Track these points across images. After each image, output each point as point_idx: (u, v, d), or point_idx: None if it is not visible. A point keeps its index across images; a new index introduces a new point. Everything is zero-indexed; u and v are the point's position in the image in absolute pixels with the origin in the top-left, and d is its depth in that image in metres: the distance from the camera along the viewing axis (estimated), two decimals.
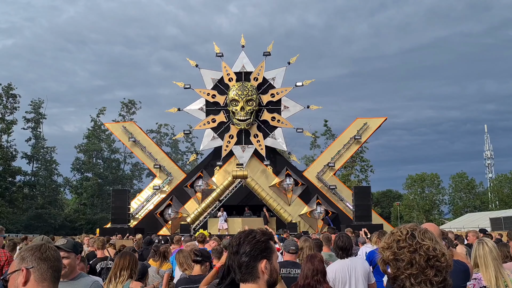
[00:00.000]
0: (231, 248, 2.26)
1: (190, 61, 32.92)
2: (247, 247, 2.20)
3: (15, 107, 52.95)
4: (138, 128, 33.74)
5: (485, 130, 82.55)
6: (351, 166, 61.53)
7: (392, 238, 1.99)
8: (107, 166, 62.38)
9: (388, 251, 1.95)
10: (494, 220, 37.48)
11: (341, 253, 5.82)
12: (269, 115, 31.58)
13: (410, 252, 1.91)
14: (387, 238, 2.01)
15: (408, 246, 1.92)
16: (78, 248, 4.19)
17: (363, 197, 28.77)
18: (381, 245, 2.03)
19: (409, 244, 1.92)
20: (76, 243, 4.19)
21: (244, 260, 2.18)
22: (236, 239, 2.25)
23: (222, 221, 27.37)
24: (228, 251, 2.31)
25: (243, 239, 2.23)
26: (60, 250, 3.85)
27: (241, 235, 2.28)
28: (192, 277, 5.22)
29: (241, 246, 2.21)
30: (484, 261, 4.37)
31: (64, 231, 46.76)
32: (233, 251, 2.23)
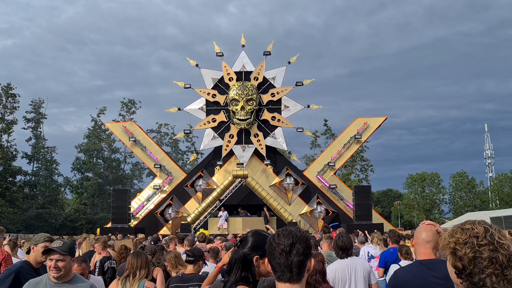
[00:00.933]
0: (279, 246, 2.17)
1: (190, 60, 32.94)
2: (300, 246, 2.16)
3: (15, 107, 52.99)
4: (138, 127, 33.76)
5: (486, 129, 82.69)
6: (351, 166, 61.53)
7: (467, 233, 1.92)
8: (108, 166, 62.39)
9: (467, 248, 1.88)
10: (495, 220, 37.44)
11: (341, 253, 5.81)
12: (269, 115, 31.58)
13: (491, 250, 1.86)
14: (461, 233, 1.94)
15: (488, 244, 1.87)
16: (74, 250, 4.21)
17: (364, 196, 28.80)
18: (452, 240, 1.95)
19: (489, 242, 1.87)
20: (72, 245, 4.19)
21: (299, 260, 2.13)
22: (288, 238, 2.17)
23: (223, 220, 27.38)
24: (275, 251, 2.20)
25: (297, 238, 2.17)
26: (55, 253, 3.86)
27: (288, 232, 2.20)
28: (185, 276, 5.24)
29: (295, 246, 2.15)
30: None
31: (64, 231, 46.77)
32: (284, 250, 2.14)
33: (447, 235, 1.99)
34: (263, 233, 2.85)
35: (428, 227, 3.52)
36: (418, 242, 3.46)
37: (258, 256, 2.67)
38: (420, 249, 3.42)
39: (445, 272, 3.31)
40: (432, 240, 3.43)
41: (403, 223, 62.53)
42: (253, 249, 2.73)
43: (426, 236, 3.45)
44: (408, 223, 62.74)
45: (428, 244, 3.42)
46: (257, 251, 2.70)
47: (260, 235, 2.83)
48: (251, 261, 2.69)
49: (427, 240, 3.43)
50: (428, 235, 3.44)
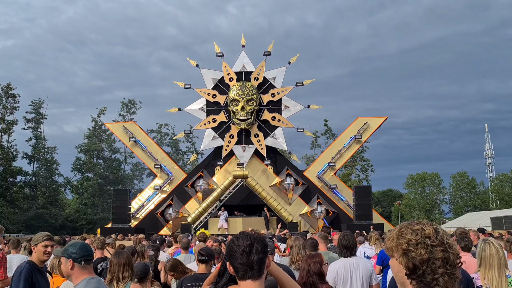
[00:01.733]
0: (244, 247, 2.34)
1: (190, 61, 32.95)
2: (259, 245, 2.33)
3: (15, 107, 52.99)
4: (138, 128, 33.77)
5: (486, 129, 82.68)
6: (351, 166, 61.52)
7: (419, 234, 1.92)
8: (108, 166, 62.38)
9: (422, 249, 1.88)
10: (495, 220, 37.47)
11: (345, 252, 5.83)
12: (269, 115, 31.59)
13: (443, 251, 1.88)
14: (411, 234, 1.93)
15: (440, 245, 1.89)
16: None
17: (364, 196, 28.80)
18: (403, 241, 1.93)
19: (440, 242, 1.89)
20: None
21: (259, 258, 2.31)
22: (248, 240, 2.35)
23: (223, 220, 27.38)
24: (236, 252, 2.37)
25: (254, 239, 2.35)
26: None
27: (250, 236, 2.39)
28: (198, 275, 5.26)
29: (254, 246, 2.32)
30: (489, 262, 4.36)
31: (64, 231, 46.77)
32: (246, 250, 2.31)
33: (395, 235, 1.97)
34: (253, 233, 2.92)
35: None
36: None
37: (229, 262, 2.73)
38: None
39: None
40: None
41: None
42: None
43: None
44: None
45: None
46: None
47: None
48: None
49: None
50: None
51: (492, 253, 4.39)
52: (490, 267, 4.33)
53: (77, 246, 3.75)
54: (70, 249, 3.69)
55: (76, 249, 3.70)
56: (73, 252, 3.68)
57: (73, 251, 3.68)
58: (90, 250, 3.80)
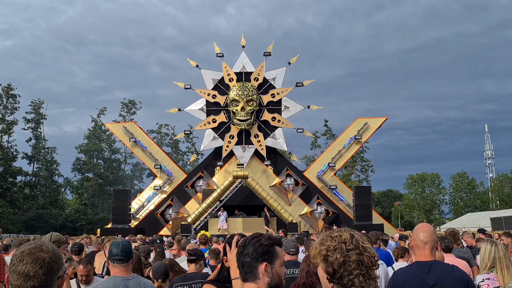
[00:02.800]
0: (238, 248, 2.41)
1: (190, 61, 32.96)
2: (250, 248, 2.32)
3: (15, 108, 53.02)
4: (138, 128, 33.77)
5: (486, 129, 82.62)
6: (351, 166, 61.53)
7: (337, 240, 2.10)
8: (108, 166, 62.37)
9: (338, 253, 2.06)
10: (495, 220, 37.47)
11: None
12: (269, 115, 31.60)
13: (357, 254, 2.05)
14: (331, 241, 2.11)
15: (355, 248, 2.06)
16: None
17: (364, 197, 28.79)
18: (323, 248, 2.11)
19: (355, 246, 2.07)
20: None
21: (246, 261, 2.30)
22: (242, 241, 2.40)
23: (223, 220, 27.36)
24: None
25: (248, 241, 2.37)
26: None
27: (247, 237, 2.42)
28: (188, 275, 5.29)
29: (245, 248, 2.34)
30: (505, 262, 4.40)
31: (65, 231, 46.73)
32: (238, 251, 2.37)
33: (318, 243, 2.17)
34: (241, 234, 2.99)
35: (425, 227, 3.55)
36: (416, 244, 3.48)
37: (226, 257, 2.77)
38: (419, 251, 3.45)
39: (442, 273, 3.35)
40: (430, 240, 3.46)
41: (404, 223, 62.53)
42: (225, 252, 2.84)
43: (424, 237, 3.47)
44: (408, 224, 62.72)
45: (427, 245, 3.44)
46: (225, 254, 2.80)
47: (240, 236, 3.03)
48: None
49: (425, 241, 3.45)
50: (426, 236, 3.47)
51: (505, 254, 4.44)
52: (507, 268, 4.37)
53: (113, 245, 3.91)
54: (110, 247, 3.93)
55: (112, 247, 3.90)
56: (110, 251, 3.90)
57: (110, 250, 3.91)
58: (124, 250, 3.87)
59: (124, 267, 3.83)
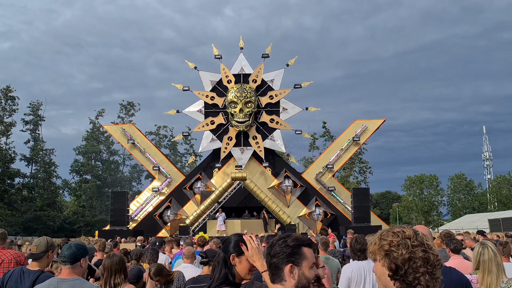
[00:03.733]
0: (266, 249, 2.35)
1: (189, 63, 32.99)
2: (276, 249, 2.27)
3: (14, 110, 52.98)
4: (137, 130, 33.76)
5: (484, 131, 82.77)
6: (350, 168, 61.57)
7: (400, 236, 2.01)
8: (106, 168, 62.34)
9: (403, 249, 1.96)
10: (493, 222, 37.53)
11: (359, 254, 5.90)
12: (267, 117, 31.62)
13: (423, 251, 1.95)
14: (393, 237, 2.01)
15: (420, 245, 1.96)
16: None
17: (362, 198, 28.80)
18: (385, 243, 2.02)
19: (420, 243, 1.97)
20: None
21: (272, 261, 2.26)
22: (270, 242, 2.34)
23: (221, 222, 27.35)
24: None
25: (275, 242, 2.31)
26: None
27: (275, 238, 2.37)
28: (199, 277, 5.29)
29: (272, 248, 2.29)
30: (488, 266, 4.37)
31: (63, 233, 46.71)
32: (266, 252, 2.32)
33: (377, 239, 2.06)
34: (240, 234, 2.96)
35: (422, 229, 3.56)
36: None
37: (234, 254, 2.75)
38: None
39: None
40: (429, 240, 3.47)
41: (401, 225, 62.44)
42: (232, 248, 2.82)
43: None
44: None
45: None
46: (234, 250, 2.78)
47: (237, 235, 2.93)
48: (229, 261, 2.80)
49: None
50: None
51: (490, 258, 4.41)
52: (489, 272, 4.35)
53: (64, 247, 3.95)
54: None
55: (63, 248, 4.03)
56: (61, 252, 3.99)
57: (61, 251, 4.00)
58: (70, 253, 3.96)
59: (68, 268, 3.85)
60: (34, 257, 4.73)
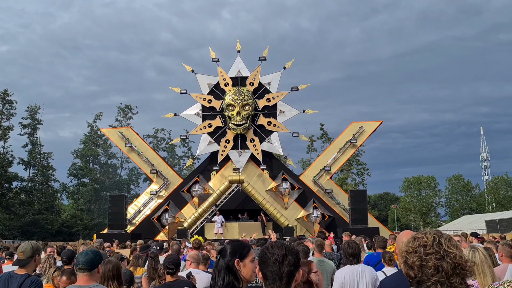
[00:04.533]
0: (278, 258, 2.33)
1: (186, 66, 33.03)
2: (292, 258, 2.32)
3: (11, 113, 52.91)
4: (134, 133, 33.79)
5: (481, 132, 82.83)
6: (347, 170, 61.63)
7: (417, 243, 2.01)
8: (104, 171, 62.29)
9: (415, 256, 1.98)
10: (490, 223, 37.58)
11: (351, 259, 5.95)
12: (265, 120, 31.69)
13: (437, 259, 1.94)
14: (412, 243, 2.03)
15: (435, 253, 1.95)
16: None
17: (359, 200, 28.85)
18: (404, 249, 2.04)
19: (435, 251, 1.96)
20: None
21: (290, 270, 2.30)
22: (280, 250, 2.34)
23: (219, 225, 27.37)
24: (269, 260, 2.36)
25: (288, 250, 2.34)
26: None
27: (280, 246, 2.37)
28: (168, 283, 5.39)
29: (287, 257, 2.31)
30: (481, 269, 4.42)
31: (61, 237, 46.66)
32: (278, 261, 2.31)
33: (404, 244, 2.07)
34: (238, 240, 3.03)
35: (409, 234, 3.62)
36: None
37: (238, 259, 2.80)
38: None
39: None
40: None
41: (400, 226, 62.66)
42: (233, 255, 2.86)
43: None
44: (405, 227, 62.84)
45: None
46: (236, 256, 2.83)
47: (235, 241, 3.02)
48: (234, 267, 2.82)
49: None
50: None
51: (482, 260, 4.46)
52: (484, 275, 4.41)
53: (80, 254, 3.99)
54: None
55: (78, 255, 4.03)
56: (76, 259, 4.08)
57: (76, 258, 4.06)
58: (86, 260, 3.97)
59: (85, 276, 3.85)
60: (21, 263, 4.79)
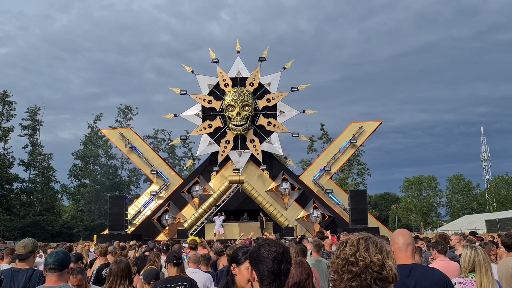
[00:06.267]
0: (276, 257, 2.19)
1: (186, 67, 33.06)
2: (288, 255, 2.21)
3: (11, 114, 52.97)
4: (134, 134, 33.81)
5: (482, 132, 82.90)
6: (348, 170, 61.65)
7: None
8: (104, 172, 62.34)
9: (329, 260, 2.05)
10: (490, 222, 37.62)
11: None
12: (265, 120, 31.71)
13: (336, 258, 2.00)
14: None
15: (336, 254, 2.02)
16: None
17: (359, 200, 28.84)
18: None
19: (337, 252, 2.02)
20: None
21: (288, 268, 2.18)
22: (277, 248, 2.20)
23: (219, 225, 27.38)
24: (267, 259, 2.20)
25: (283, 248, 2.20)
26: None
27: (275, 245, 2.22)
28: (170, 278, 5.43)
29: (285, 255, 2.19)
30: (485, 266, 4.47)
31: (61, 238, 46.68)
32: (277, 259, 2.16)
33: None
34: (246, 246, 3.05)
35: (403, 231, 3.67)
36: (398, 247, 3.58)
37: (234, 264, 2.83)
38: (401, 254, 3.55)
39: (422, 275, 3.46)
40: (410, 243, 3.58)
41: (401, 226, 62.62)
42: (231, 260, 2.93)
43: (405, 240, 3.58)
44: (405, 227, 62.83)
45: (408, 247, 3.56)
46: (233, 260, 2.87)
47: (243, 248, 3.03)
48: (230, 271, 2.88)
49: (407, 243, 3.56)
50: (406, 238, 3.59)
51: (484, 258, 4.51)
52: (486, 272, 4.44)
53: (49, 254, 4.02)
54: None
55: (47, 256, 4.04)
56: (45, 260, 4.01)
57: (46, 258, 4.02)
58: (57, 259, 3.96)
59: (55, 276, 3.85)
60: (22, 257, 4.96)
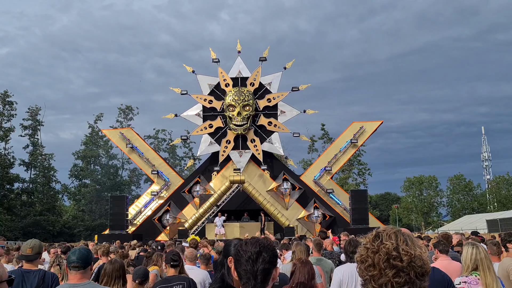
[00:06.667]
0: (251, 256, 2.20)
1: (186, 67, 33.07)
2: (269, 254, 2.19)
3: (12, 115, 53.02)
4: (135, 134, 33.82)
5: (482, 132, 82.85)
6: (349, 170, 61.65)
7: (363, 240, 1.97)
8: (105, 172, 62.38)
9: (358, 253, 1.94)
10: (491, 222, 37.58)
11: (352, 256, 5.99)
12: (265, 120, 31.71)
13: (373, 253, 1.87)
14: (363, 241, 1.99)
15: (371, 248, 1.89)
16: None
17: (360, 200, 28.85)
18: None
19: (372, 246, 1.89)
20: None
21: (265, 267, 2.15)
22: (253, 247, 2.21)
23: (220, 225, 27.40)
24: (242, 258, 2.24)
25: (263, 247, 2.20)
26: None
27: (255, 243, 2.24)
28: (168, 278, 5.46)
29: (262, 254, 2.18)
30: (487, 263, 4.47)
31: (62, 238, 46.71)
32: (252, 259, 2.17)
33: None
34: (241, 238, 3.01)
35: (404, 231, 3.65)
36: None
37: (231, 257, 2.80)
38: None
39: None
40: None
41: (402, 226, 62.46)
42: (225, 254, 2.89)
43: None
44: (406, 226, 62.76)
45: None
46: (231, 253, 2.84)
47: (237, 240, 2.99)
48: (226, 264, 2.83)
49: None
50: None
51: (486, 255, 4.52)
52: (488, 269, 4.44)
53: (71, 252, 4.02)
54: None
55: (70, 254, 4.03)
56: (67, 258, 3.99)
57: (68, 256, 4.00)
58: (80, 257, 3.97)
59: (79, 274, 3.86)
60: (30, 258, 4.93)
